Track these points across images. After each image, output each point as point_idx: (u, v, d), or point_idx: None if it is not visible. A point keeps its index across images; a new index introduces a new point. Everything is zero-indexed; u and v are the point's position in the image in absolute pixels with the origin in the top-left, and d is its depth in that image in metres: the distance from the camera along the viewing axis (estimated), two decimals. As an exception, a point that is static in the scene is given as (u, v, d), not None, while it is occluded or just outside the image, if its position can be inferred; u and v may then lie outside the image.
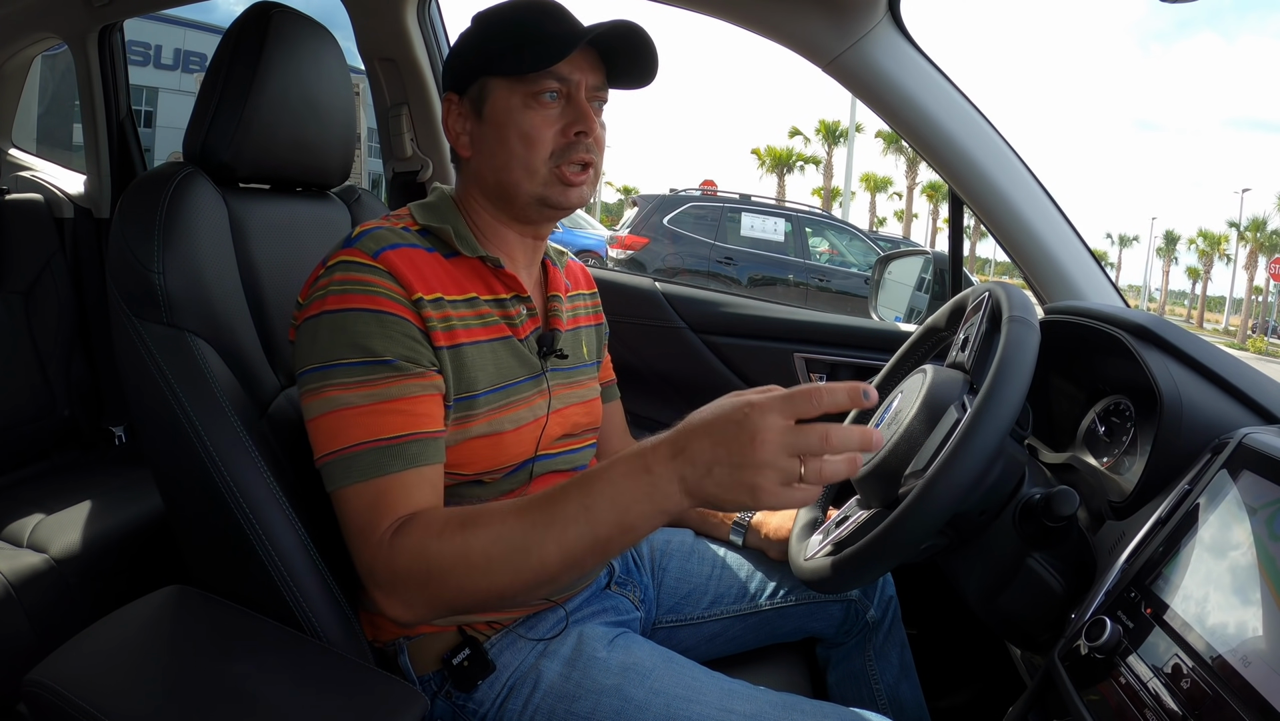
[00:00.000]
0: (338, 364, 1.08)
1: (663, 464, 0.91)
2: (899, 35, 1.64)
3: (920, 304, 2.49)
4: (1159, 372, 1.14)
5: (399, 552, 1.02)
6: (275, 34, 1.34)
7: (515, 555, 0.97)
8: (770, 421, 0.85)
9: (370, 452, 1.06)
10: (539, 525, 0.96)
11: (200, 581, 1.25)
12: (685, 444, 0.90)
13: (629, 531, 0.94)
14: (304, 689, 1.06)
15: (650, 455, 0.92)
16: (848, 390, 0.87)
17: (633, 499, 0.92)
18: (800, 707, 1.20)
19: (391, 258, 1.13)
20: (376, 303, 1.10)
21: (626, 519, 0.93)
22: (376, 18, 2.20)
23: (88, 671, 1.05)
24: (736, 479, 0.87)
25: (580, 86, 1.21)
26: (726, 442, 0.87)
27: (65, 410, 2.48)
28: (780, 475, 0.86)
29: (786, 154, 55.55)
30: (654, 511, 0.92)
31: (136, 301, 1.20)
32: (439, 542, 1.00)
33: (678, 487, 0.90)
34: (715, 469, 0.88)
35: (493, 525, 0.99)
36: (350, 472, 1.06)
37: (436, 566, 1.00)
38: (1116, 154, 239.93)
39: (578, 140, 1.21)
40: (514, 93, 1.20)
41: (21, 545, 1.89)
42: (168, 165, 1.29)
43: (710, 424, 0.89)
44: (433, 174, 2.33)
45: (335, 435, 1.07)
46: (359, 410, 1.07)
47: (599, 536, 0.94)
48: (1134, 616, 0.94)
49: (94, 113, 2.73)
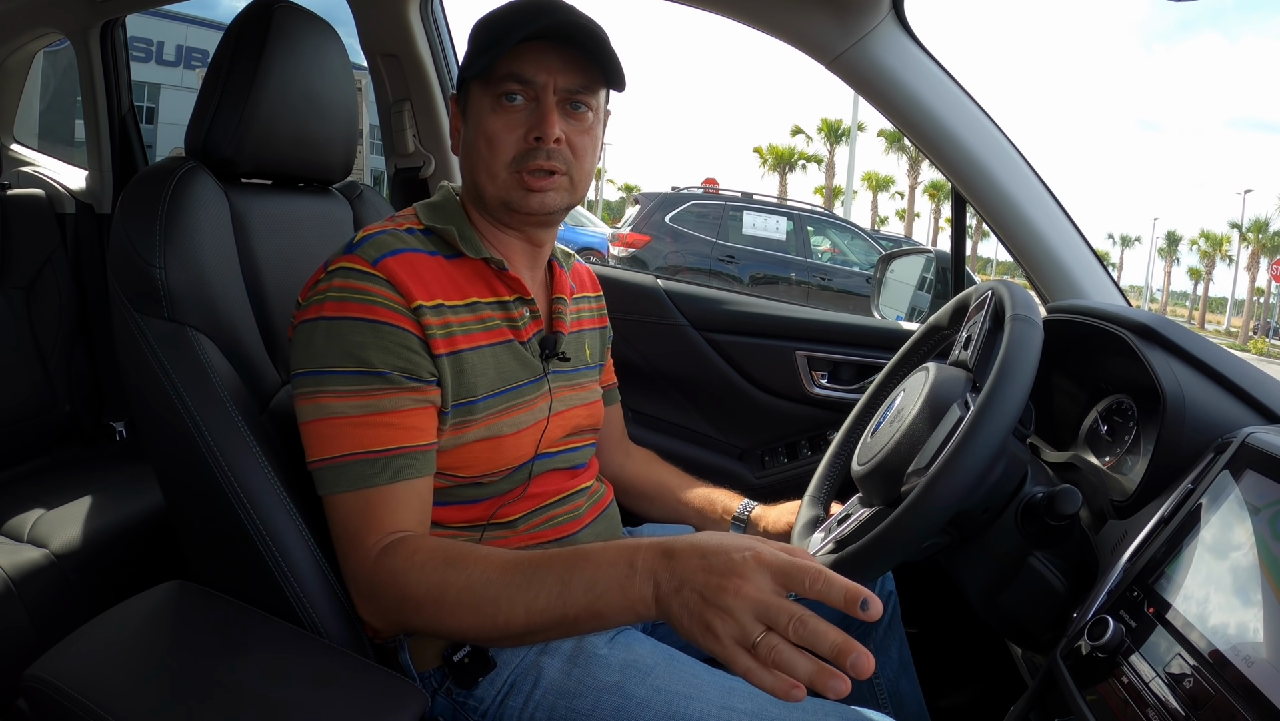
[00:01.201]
0: (331, 371, 1.10)
1: (647, 561, 0.91)
2: (902, 33, 1.64)
3: (922, 303, 2.49)
4: (1162, 372, 1.14)
5: (380, 572, 1.06)
6: (277, 29, 1.34)
7: (484, 605, 0.99)
8: (759, 579, 0.83)
9: (359, 464, 1.09)
10: (514, 585, 0.98)
11: (200, 577, 1.25)
12: (676, 553, 0.89)
13: (597, 617, 0.94)
14: (305, 684, 1.05)
15: (641, 550, 0.92)
16: (845, 594, 0.79)
17: (607, 587, 0.92)
18: (801, 704, 1.20)
19: (391, 265, 1.14)
20: (374, 312, 1.11)
21: (596, 605, 0.93)
22: (379, 14, 2.20)
23: (88, 666, 1.05)
24: (698, 609, 0.84)
25: (547, 88, 1.19)
26: (710, 571, 0.85)
27: (66, 405, 2.49)
28: (737, 630, 0.81)
29: (789, 152, 55.51)
30: (624, 605, 0.91)
31: (138, 296, 1.20)
32: (419, 574, 1.03)
33: (650, 591, 0.90)
34: (685, 590, 0.86)
35: (473, 571, 1.01)
36: (340, 481, 1.09)
37: (411, 595, 1.04)
38: (1119, 154, 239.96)
39: (537, 146, 1.19)
40: (484, 95, 1.21)
41: (22, 540, 1.89)
42: (169, 160, 1.29)
43: (708, 548, 0.88)
44: (435, 170, 2.34)
45: (326, 443, 1.10)
46: (349, 421, 1.09)
47: (567, 614, 0.95)
48: (1136, 616, 0.94)
49: (96, 108, 2.74)
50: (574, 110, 1.23)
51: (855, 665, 0.76)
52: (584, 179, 1.27)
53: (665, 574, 0.89)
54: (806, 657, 0.79)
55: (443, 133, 2.33)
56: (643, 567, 0.90)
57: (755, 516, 1.58)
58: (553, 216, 1.27)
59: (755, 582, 0.82)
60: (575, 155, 1.23)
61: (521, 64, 1.18)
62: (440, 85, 2.30)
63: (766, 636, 0.80)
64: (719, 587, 0.83)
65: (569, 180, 1.24)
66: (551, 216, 1.27)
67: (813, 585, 0.81)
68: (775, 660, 0.79)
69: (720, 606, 0.82)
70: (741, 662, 0.81)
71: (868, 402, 1.46)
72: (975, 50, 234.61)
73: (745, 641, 0.81)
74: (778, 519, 1.55)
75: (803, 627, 0.79)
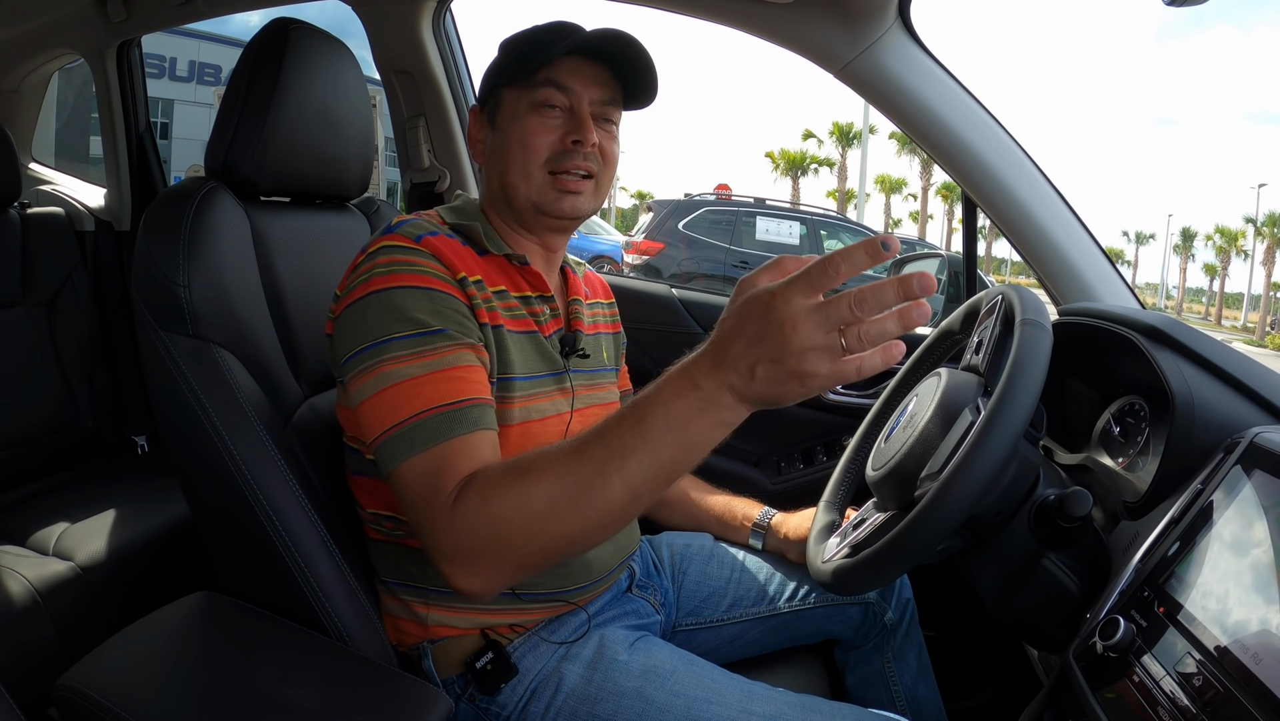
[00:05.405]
0: (390, 339, 1.08)
1: (708, 376, 0.87)
2: (909, 40, 1.65)
3: (935, 305, 2.50)
4: (1171, 373, 1.15)
5: (461, 516, 0.98)
6: (294, 50, 1.37)
7: (579, 497, 0.93)
8: (796, 305, 0.81)
9: (433, 420, 1.04)
10: (598, 460, 0.92)
11: (226, 587, 1.27)
12: (723, 351, 0.86)
13: (692, 449, 0.90)
14: (331, 692, 1.07)
15: (694, 370, 0.88)
16: (864, 247, 0.81)
17: (688, 416, 0.88)
18: (819, 709, 1.21)
19: (433, 242, 1.17)
20: (424, 280, 1.12)
21: (686, 437, 0.89)
22: (392, 31, 2.22)
23: (119, 676, 1.07)
24: (782, 372, 0.82)
25: (582, 99, 1.25)
26: (761, 339, 0.83)
27: (89, 420, 2.51)
28: (824, 354, 0.81)
29: (800, 157, 55.47)
30: (713, 424, 0.88)
31: (162, 315, 1.22)
32: (499, 495, 0.96)
33: (730, 397, 0.86)
34: (758, 368, 0.83)
35: (551, 469, 0.95)
36: (413, 443, 1.03)
37: (501, 524, 0.96)
38: (1133, 151, 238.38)
39: (574, 148, 1.24)
40: (520, 100, 1.25)
41: (47, 553, 1.91)
42: (191, 180, 1.32)
43: (740, 325, 0.85)
44: (450, 184, 2.36)
45: (395, 409, 1.06)
46: (417, 380, 1.06)
47: (662, 461, 0.90)
48: (1148, 615, 0.95)
49: (113, 127, 2.76)
50: (603, 121, 1.28)
51: (921, 285, 0.79)
52: (606, 186, 1.32)
53: (731, 375, 0.85)
54: (887, 314, 0.81)
55: (457, 147, 2.35)
56: (709, 384, 0.87)
57: (775, 523, 1.60)
58: (576, 221, 1.32)
59: (796, 311, 0.81)
60: (604, 161, 1.28)
61: (560, 73, 1.23)
62: (454, 100, 2.32)
63: (846, 332, 0.80)
64: (779, 343, 0.82)
65: (595, 185, 1.29)
66: (575, 221, 1.31)
67: (835, 269, 0.81)
68: (867, 338, 0.80)
69: (795, 353, 0.81)
70: (850, 368, 0.81)
71: (881, 408, 1.48)
72: (988, 51, 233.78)
73: (837, 353, 0.81)
74: (798, 525, 1.57)
75: (862, 302, 0.79)
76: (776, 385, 0.84)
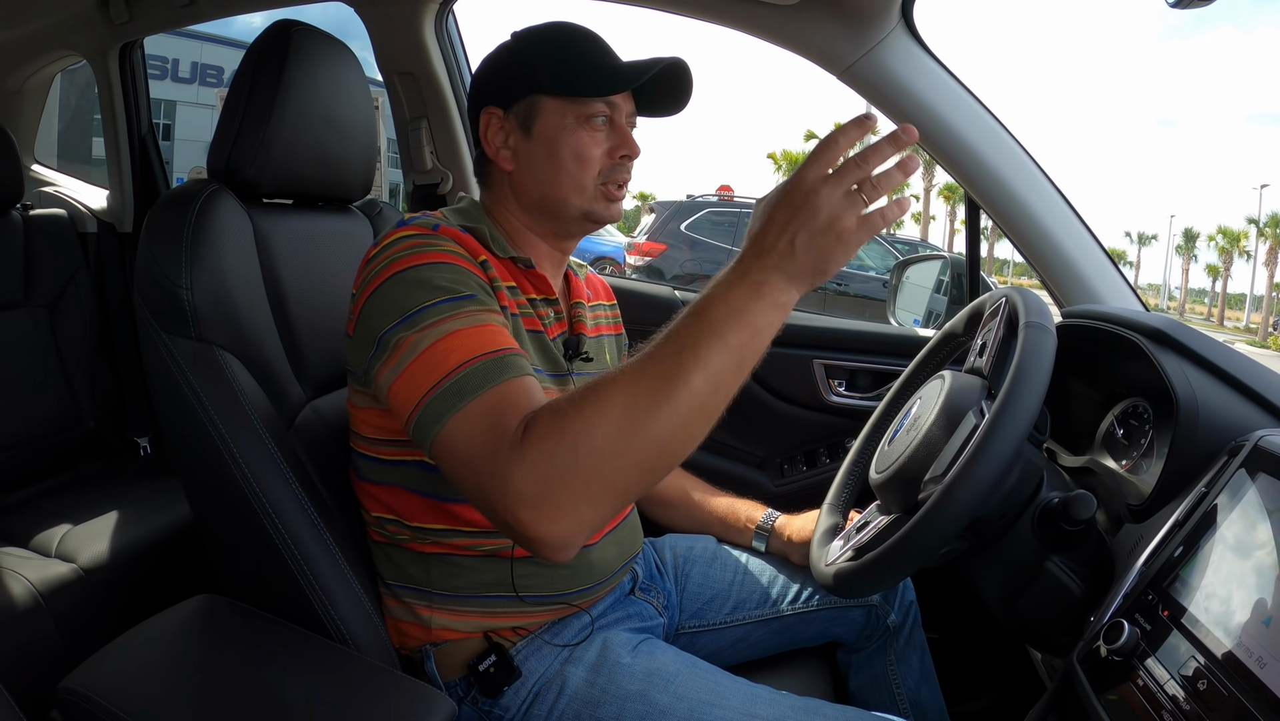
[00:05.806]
0: (422, 308, 1.05)
1: (754, 265, 0.92)
2: (912, 41, 1.65)
3: (939, 306, 2.49)
4: (1174, 375, 1.14)
5: (535, 446, 0.91)
6: (296, 52, 1.37)
7: (659, 393, 0.90)
8: (813, 179, 0.90)
9: (481, 365, 1.01)
10: (670, 356, 0.91)
11: (229, 590, 1.27)
12: (762, 240, 0.92)
13: (757, 333, 0.92)
14: (334, 695, 1.07)
15: (740, 266, 0.93)
16: (854, 121, 0.95)
17: (747, 304, 0.91)
18: (822, 712, 1.21)
19: (449, 231, 1.18)
20: (448, 257, 1.13)
21: (748, 320, 0.91)
22: (395, 33, 2.22)
23: (121, 679, 1.08)
24: (819, 238, 0.90)
25: (622, 112, 1.29)
26: (792, 217, 0.90)
27: (91, 422, 2.51)
28: (849, 210, 0.89)
29: (802, 158, 55.27)
30: (770, 306, 0.92)
31: (165, 317, 1.22)
32: (574, 413, 0.91)
33: (780, 278, 0.92)
34: (797, 240, 0.90)
35: (622, 378, 0.92)
36: (463, 393, 0.98)
37: (583, 438, 0.90)
38: (1135, 152, 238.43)
39: (623, 162, 1.29)
40: (566, 114, 1.26)
41: (50, 555, 1.91)
42: (193, 183, 1.32)
43: (771, 214, 0.93)
44: (453, 186, 2.35)
45: (436, 366, 1.01)
46: (455, 335, 1.03)
47: (731, 346, 0.90)
48: (1151, 619, 0.95)
49: (116, 129, 2.76)
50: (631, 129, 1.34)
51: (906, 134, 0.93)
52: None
53: (775, 257, 0.92)
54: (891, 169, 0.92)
55: (460, 149, 2.35)
56: (757, 272, 0.92)
57: (778, 526, 1.60)
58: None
59: (813, 183, 0.90)
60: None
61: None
62: (457, 102, 2.31)
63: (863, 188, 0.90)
64: (809, 214, 0.90)
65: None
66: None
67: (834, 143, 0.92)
68: (884, 185, 0.91)
69: (826, 218, 0.89)
70: (875, 218, 0.91)
71: (885, 410, 1.47)
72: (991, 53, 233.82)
73: (860, 206, 0.90)
74: (801, 528, 1.56)
75: (865, 159, 0.90)
76: (817, 251, 0.91)
